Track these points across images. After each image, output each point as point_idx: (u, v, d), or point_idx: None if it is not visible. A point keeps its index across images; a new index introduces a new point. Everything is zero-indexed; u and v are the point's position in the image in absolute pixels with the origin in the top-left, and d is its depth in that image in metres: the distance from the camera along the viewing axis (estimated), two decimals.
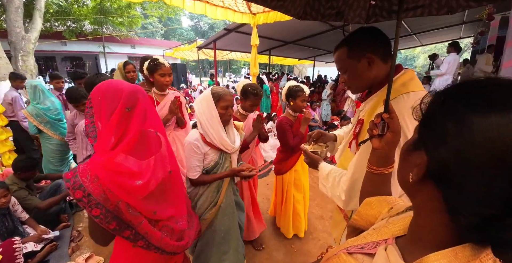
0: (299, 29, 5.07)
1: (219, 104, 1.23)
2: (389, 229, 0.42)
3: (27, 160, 2.20)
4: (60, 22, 10.35)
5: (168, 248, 0.87)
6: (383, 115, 0.62)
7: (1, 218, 1.83)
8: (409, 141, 0.39)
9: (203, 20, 26.67)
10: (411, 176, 0.35)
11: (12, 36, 5.48)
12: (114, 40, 12.76)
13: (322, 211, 2.62)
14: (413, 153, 0.36)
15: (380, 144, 0.64)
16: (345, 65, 0.87)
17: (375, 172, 0.66)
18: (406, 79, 0.83)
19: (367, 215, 0.55)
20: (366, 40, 0.82)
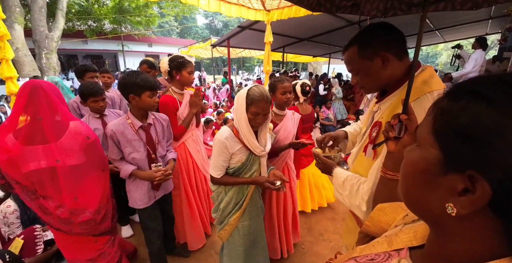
0: (314, 25, 4.95)
1: (250, 109, 1.16)
2: (401, 238, 0.38)
3: None
4: (81, 21, 10.80)
5: (54, 223, 1.25)
6: (401, 117, 0.58)
7: (24, 207, 1.93)
8: (428, 158, 0.30)
9: (218, 18, 26.85)
10: (452, 207, 0.27)
11: (36, 35, 5.78)
12: (132, 39, 13.13)
13: (335, 213, 2.56)
14: (446, 176, 0.28)
15: (396, 147, 0.59)
16: (357, 66, 0.82)
17: (390, 177, 0.61)
18: (427, 77, 0.77)
19: (379, 222, 0.51)
20: (379, 37, 0.77)
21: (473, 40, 4.63)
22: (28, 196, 1.20)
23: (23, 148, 1.13)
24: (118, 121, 1.41)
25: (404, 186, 0.35)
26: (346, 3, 1.23)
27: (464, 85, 0.29)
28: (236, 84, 10.29)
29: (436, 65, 21.80)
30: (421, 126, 0.33)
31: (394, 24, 0.79)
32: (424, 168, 0.31)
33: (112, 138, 1.39)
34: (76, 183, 1.24)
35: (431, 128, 0.30)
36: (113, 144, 1.41)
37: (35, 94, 1.16)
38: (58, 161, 1.18)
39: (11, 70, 2.77)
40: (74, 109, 2.12)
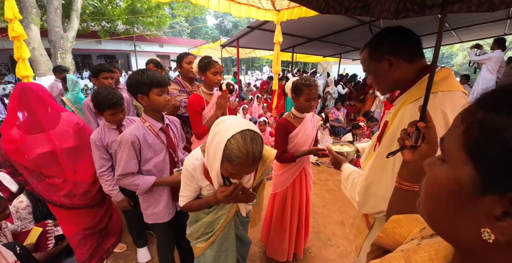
0: (324, 25, 4.88)
1: (225, 166, 0.85)
2: (421, 256, 0.34)
3: None
4: (95, 22, 11.09)
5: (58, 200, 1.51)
6: (419, 124, 0.53)
7: (36, 202, 1.98)
8: (459, 177, 0.27)
9: (228, 18, 27.00)
10: (489, 233, 0.24)
11: (52, 35, 5.96)
12: (144, 40, 13.40)
13: (343, 217, 2.50)
14: (482, 198, 0.25)
15: (413, 157, 0.55)
16: (368, 67, 0.88)
17: (406, 188, 0.57)
18: (438, 78, 0.75)
19: (394, 234, 0.47)
20: (387, 42, 0.81)
21: (490, 41, 4.45)
22: (35, 178, 1.49)
23: (28, 137, 1.43)
24: (135, 126, 1.25)
25: (429, 207, 0.31)
26: (356, 5, 1.20)
27: (503, 95, 0.25)
28: (245, 84, 10.27)
29: (452, 66, 21.11)
30: (448, 139, 0.30)
31: (408, 24, 0.82)
32: (455, 188, 0.27)
33: (134, 144, 1.20)
34: (73, 161, 1.56)
35: (462, 143, 0.27)
36: (131, 154, 1.21)
37: (25, 94, 1.44)
38: (56, 145, 1.49)
39: (27, 69, 2.86)
40: (90, 109, 2.03)
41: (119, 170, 1.23)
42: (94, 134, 1.47)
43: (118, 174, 1.24)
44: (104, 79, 2.12)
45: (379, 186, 0.77)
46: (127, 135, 1.19)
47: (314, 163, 3.91)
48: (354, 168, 0.95)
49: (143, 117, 1.29)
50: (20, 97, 1.43)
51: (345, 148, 1.13)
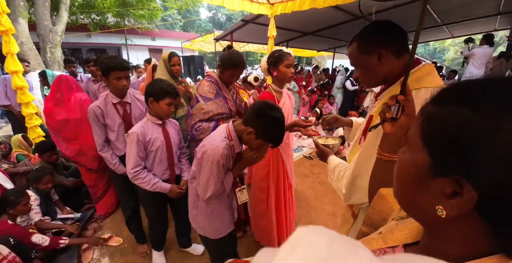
0: (318, 19, 4.87)
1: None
2: (396, 236, 0.39)
3: (45, 142, 2.44)
4: (85, 15, 10.74)
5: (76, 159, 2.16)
6: (399, 97, 0.59)
7: (44, 200, 2.03)
8: (418, 162, 0.31)
9: (221, 11, 26.49)
10: (442, 210, 0.28)
11: (40, 29, 5.78)
12: (135, 33, 13.05)
13: (335, 208, 2.58)
14: (435, 179, 0.29)
15: (392, 129, 0.60)
16: (357, 60, 0.87)
17: (386, 159, 0.63)
18: (422, 74, 0.79)
19: (380, 211, 0.53)
20: (377, 34, 0.81)
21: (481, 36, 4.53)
22: (56, 136, 2.14)
23: (54, 108, 2.09)
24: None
25: (398, 187, 0.36)
26: None
27: (451, 90, 0.29)
28: (240, 79, 10.19)
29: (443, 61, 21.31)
30: (411, 129, 0.34)
31: (400, 19, 0.80)
32: (414, 171, 0.32)
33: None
34: (76, 127, 2.11)
35: (420, 133, 0.31)
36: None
37: (60, 81, 2.15)
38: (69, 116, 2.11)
39: (16, 64, 2.81)
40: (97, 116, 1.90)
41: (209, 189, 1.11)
42: (137, 128, 1.41)
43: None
44: (117, 81, 1.59)
45: (365, 178, 0.79)
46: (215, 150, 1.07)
47: (307, 156, 3.98)
48: (340, 160, 0.97)
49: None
50: (58, 83, 2.14)
51: (330, 141, 1.16)
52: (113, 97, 1.68)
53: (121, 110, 1.70)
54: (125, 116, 1.71)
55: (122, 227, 2.15)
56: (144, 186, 1.43)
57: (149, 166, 1.49)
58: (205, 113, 1.58)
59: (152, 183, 1.44)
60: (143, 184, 1.42)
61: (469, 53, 4.64)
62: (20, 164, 2.54)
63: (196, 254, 1.91)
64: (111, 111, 1.67)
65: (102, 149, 1.71)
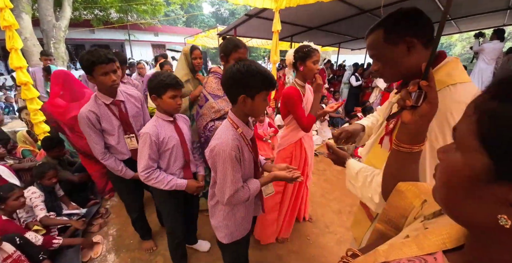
0: (323, 13, 4.77)
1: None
2: (432, 240, 0.35)
3: (52, 139, 2.43)
4: (88, 10, 10.70)
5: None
6: (421, 83, 0.53)
7: (48, 195, 2.02)
8: (474, 165, 0.27)
9: (224, 6, 26.20)
10: (506, 219, 0.25)
11: (44, 24, 5.76)
12: (138, 28, 13.02)
13: (340, 206, 2.56)
14: (498, 184, 0.26)
15: (412, 118, 0.55)
16: (380, 51, 0.77)
17: (405, 150, 0.58)
18: (453, 69, 0.73)
19: (397, 207, 0.50)
20: (407, 21, 0.72)
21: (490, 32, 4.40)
22: (70, 131, 2.21)
23: (69, 105, 2.17)
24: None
25: (445, 193, 0.32)
26: None
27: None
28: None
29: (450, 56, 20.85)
30: (460, 127, 0.30)
31: None
32: (469, 175, 0.28)
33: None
34: None
35: (475, 132, 0.27)
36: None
37: (67, 77, 2.28)
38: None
39: (20, 60, 2.79)
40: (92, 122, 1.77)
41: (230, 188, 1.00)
42: (150, 127, 1.29)
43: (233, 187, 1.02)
44: (104, 76, 1.41)
45: None
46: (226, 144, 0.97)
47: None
48: (361, 164, 0.88)
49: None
50: (64, 79, 2.26)
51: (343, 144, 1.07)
52: (104, 97, 1.47)
53: (116, 111, 1.51)
54: (121, 117, 1.53)
55: (128, 223, 2.15)
56: (159, 186, 1.32)
57: (164, 165, 1.38)
58: (216, 111, 1.52)
59: (167, 181, 1.33)
60: (158, 184, 1.31)
61: (479, 48, 4.51)
62: (25, 159, 2.56)
63: (203, 250, 1.88)
64: (106, 114, 1.48)
65: (104, 156, 1.53)
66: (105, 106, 1.48)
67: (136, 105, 1.62)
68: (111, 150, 1.58)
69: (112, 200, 2.63)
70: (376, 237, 0.57)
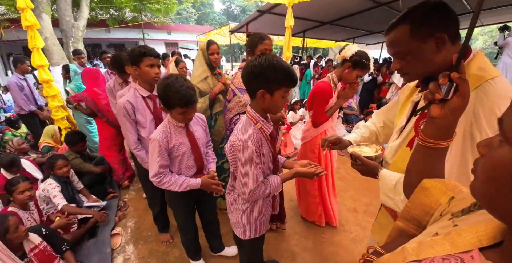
0: (338, 7, 4.65)
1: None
2: (466, 238, 0.33)
3: (75, 134, 2.53)
4: (104, 10, 10.99)
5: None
6: (453, 75, 0.50)
7: (64, 186, 2.09)
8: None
9: (235, 3, 26.15)
10: None
11: (63, 24, 5.97)
12: (152, 27, 13.24)
13: (356, 204, 2.51)
14: None
15: (442, 112, 0.52)
16: (405, 48, 0.71)
17: (432, 146, 0.55)
18: (481, 62, 0.69)
19: (421, 204, 0.48)
20: (436, 15, 0.66)
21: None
22: (101, 113, 2.62)
23: (102, 94, 2.63)
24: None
25: (490, 190, 0.30)
26: None
27: None
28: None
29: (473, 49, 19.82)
30: (508, 119, 0.28)
31: None
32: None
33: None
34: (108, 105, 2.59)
35: None
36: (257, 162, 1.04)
37: (98, 73, 2.82)
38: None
39: (42, 58, 2.91)
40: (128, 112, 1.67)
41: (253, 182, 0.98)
42: (159, 134, 1.26)
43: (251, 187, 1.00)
44: (150, 68, 1.50)
45: None
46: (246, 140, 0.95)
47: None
48: (398, 174, 0.78)
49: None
50: (95, 74, 2.77)
51: (365, 149, 0.98)
52: (142, 90, 1.54)
53: (151, 104, 1.57)
54: (155, 111, 1.59)
55: (145, 216, 2.25)
56: (173, 189, 1.31)
57: (176, 170, 1.36)
58: (243, 106, 1.52)
59: (180, 183, 1.31)
60: (172, 187, 1.30)
61: (504, 42, 4.25)
62: (48, 154, 2.67)
63: (232, 255, 1.82)
64: (142, 106, 1.55)
65: (136, 146, 1.58)
66: (142, 99, 1.55)
67: None
68: (142, 142, 1.62)
69: (130, 193, 2.71)
70: (396, 234, 0.55)
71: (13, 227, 1.37)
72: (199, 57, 1.95)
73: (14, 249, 1.37)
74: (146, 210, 2.32)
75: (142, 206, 2.44)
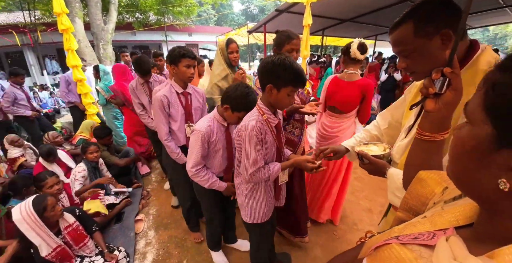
0: (358, 4, 4.55)
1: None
2: (445, 218, 0.36)
3: (102, 129, 2.73)
4: (130, 14, 11.63)
5: None
6: (445, 70, 0.52)
7: (93, 171, 2.30)
8: (480, 135, 0.29)
9: (254, 3, 26.29)
10: (505, 183, 0.27)
11: (94, 28, 6.42)
12: (174, 29, 13.78)
13: (371, 204, 2.46)
14: (499, 152, 0.27)
15: (436, 106, 0.54)
16: (410, 47, 0.70)
17: (427, 139, 0.58)
18: (490, 58, 0.69)
19: (418, 195, 0.50)
20: (439, 12, 0.65)
21: None
22: (128, 103, 2.93)
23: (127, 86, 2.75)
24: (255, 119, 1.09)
25: (455, 166, 0.34)
26: None
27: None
28: None
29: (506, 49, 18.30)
30: (471, 102, 0.32)
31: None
32: (475, 145, 0.30)
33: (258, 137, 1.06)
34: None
35: (482, 104, 0.29)
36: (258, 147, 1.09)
37: (126, 68, 3.17)
38: None
39: (76, 59, 3.18)
40: (164, 105, 1.76)
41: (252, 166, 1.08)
42: (205, 127, 1.32)
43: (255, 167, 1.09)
44: (187, 68, 1.61)
45: None
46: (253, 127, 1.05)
47: None
48: None
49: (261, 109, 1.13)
50: (123, 70, 3.13)
51: (373, 148, 0.96)
52: (177, 87, 1.67)
53: (183, 100, 1.70)
54: (186, 106, 1.72)
55: (165, 204, 2.43)
56: (202, 184, 1.42)
57: (208, 164, 1.46)
58: None
59: (211, 182, 1.41)
60: (202, 182, 1.41)
61: None
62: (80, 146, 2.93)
63: (244, 250, 1.87)
64: (175, 101, 1.68)
65: (167, 138, 1.70)
66: (176, 95, 1.68)
67: (199, 100, 1.79)
68: (171, 135, 1.75)
69: (152, 184, 2.91)
70: (396, 224, 0.58)
71: (51, 206, 1.53)
72: (218, 56, 1.96)
73: (51, 226, 1.54)
74: (167, 199, 2.51)
75: (163, 196, 2.61)
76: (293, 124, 1.67)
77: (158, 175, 3.09)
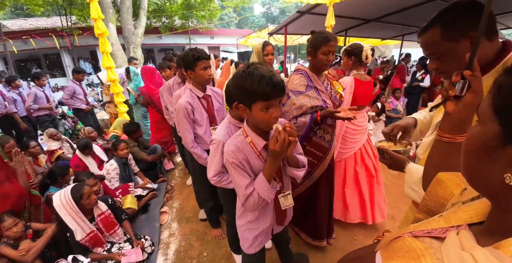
0: (384, 3, 4.40)
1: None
2: (459, 216, 0.38)
3: (131, 125, 2.94)
4: (157, 19, 12.25)
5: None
6: (465, 73, 0.52)
7: (123, 166, 2.47)
8: (488, 133, 0.31)
9: (274, 5, 26.37)
10: (510, 177, 0.29)
11: (125, 32, 6.86)
12: (197, 33, 14.29)
13: (394, 211, 2.38)
14: (504, 148, 0.29)
15: (456, 108, 0.55)
16: (438, 50, 0.73)
17: (447, 140, 0.58)
18: None
19: (437, 196, 0.50)
20: (466, 15, 0.67)
21: None
22: (153, 104, 3.11)
23: (157, 89, 2.88)
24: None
25: (466, 163, 0.36)
26: None
27: None
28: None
29: None
30: (482, 103, 0.34)
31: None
32: (483, 142, 0.32)
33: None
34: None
35: (491, 105, 0.31)
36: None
37: (154, 71, 3.27)
38: None
39: (110, 61, 3.44)
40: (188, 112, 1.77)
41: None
42: (223, 135, 1.20)
43: None
44: (204, 70, 1.59)
45: None
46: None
47: None
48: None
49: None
50: (151, 72, 3.25)
51: (397, 144, 0.97)
52: (197, 91, 1.65)
53: (205, 104, 1.69)
54: (209, 109, 1.71)
55: (188, 199, 2.57)
56: (228, 186, 1.33)
57: None
58: (298, 108, 1.46)
59: None
60: (229, 185, 1.32)
61: None
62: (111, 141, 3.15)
63: (267, 247, 1.85)
64: (198, 106, 1.66)
65: (193, 145, 1.67)
66: (198, 99, 1.66)
67: (218, 100, 1.78)
68: (198, 139, 1.72)
69: (176, 179, 3.08)
70: None
71: (87, 195, 1.68)
72: (253, 58, 1.99)
73: (86, 213, 1.69)
74: (189, 194, 2.63)
75: (186, 191, 2.74)
76: (324, 129, 1.59)
77: (181, 171, 3.26)
